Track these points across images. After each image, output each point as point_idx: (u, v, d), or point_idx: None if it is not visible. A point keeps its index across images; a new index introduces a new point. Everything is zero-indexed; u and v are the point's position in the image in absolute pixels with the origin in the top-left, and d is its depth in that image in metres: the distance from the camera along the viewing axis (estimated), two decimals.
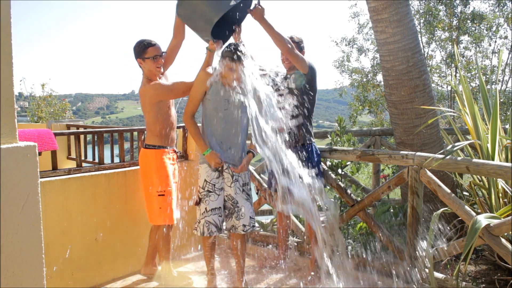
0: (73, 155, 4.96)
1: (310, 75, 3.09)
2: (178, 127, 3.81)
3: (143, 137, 3.69)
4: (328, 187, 4.10)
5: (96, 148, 4.68)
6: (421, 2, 10.17)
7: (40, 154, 2.66)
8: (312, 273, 3.22)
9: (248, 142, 3.06)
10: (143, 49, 2.92)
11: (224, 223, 2.98)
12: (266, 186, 3.79)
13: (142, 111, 3.07)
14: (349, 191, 3.25)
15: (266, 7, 2.84)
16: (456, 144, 2.74)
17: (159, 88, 2.93)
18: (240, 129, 2.88)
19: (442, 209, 2.68)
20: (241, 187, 2.90)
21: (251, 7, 2.85)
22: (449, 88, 10.18)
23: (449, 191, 2.71)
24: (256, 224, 2.99)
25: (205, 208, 2.83)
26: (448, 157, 2.64)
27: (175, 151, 3.20)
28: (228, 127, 2.86)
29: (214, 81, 2.80)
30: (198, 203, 2.86)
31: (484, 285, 2.85)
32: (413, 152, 2.88)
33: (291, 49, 2.93)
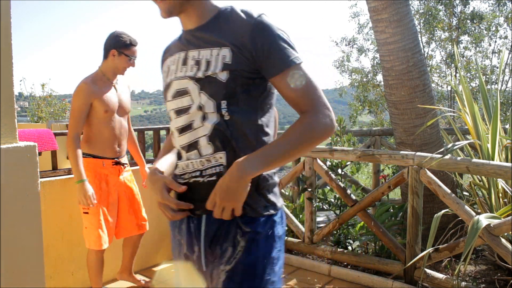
0: None
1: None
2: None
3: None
4: (328, 187, 4.11)
5: None
6: (421, 2, 10.18)
7: (40, 154, 2.65)
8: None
9: None
10: (126, 44, 2.61)
11: None
12: None
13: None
14: (349, 191, 3.25)
15: (266, 6, 2.78)
16: (456, 143, 2.74)
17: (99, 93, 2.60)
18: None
19: (443, 211, 2.68)
20: None
21: None
22: (449, 88, 10.19)
23: (449, 191, 2.71)
24: None
25: None
26: (447, 156, 2.64)
27: (118, 163, 2.76)
28: None
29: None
30: None
31: (484, 285, 2.85)
32: (413, 152, 2.88)
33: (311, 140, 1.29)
